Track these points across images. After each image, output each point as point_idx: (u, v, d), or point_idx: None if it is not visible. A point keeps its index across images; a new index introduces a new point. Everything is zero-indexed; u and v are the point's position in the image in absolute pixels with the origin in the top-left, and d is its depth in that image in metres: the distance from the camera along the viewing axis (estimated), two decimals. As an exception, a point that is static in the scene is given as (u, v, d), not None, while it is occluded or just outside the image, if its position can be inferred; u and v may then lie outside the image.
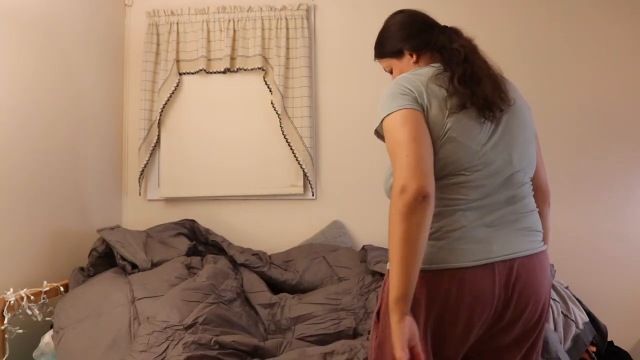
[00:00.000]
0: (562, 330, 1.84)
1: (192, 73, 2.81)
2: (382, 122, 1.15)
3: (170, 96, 2.79)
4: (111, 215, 2.76)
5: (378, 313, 1.18)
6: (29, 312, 1.84)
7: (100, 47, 2.66)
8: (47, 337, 1.87)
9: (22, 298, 1.82)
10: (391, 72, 1.42)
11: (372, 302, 2.06)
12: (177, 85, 2.80)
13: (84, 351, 1.70)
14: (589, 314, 1.96)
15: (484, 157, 1.14)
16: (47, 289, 1.96)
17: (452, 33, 1.29)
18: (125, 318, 1.80)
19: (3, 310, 1.76)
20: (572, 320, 1.87)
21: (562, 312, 1.88)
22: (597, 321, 1.98)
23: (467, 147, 1.13)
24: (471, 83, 1.16)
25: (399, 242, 1.02)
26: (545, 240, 1.27)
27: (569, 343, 1.84)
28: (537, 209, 1.24)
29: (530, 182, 1.25)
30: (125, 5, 2.91)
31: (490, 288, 1.09)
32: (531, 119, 1.27)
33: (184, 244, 2.36)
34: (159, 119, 2.79)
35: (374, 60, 1.47)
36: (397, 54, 1.36)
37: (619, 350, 2.10)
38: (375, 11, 2.79)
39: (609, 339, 2.03)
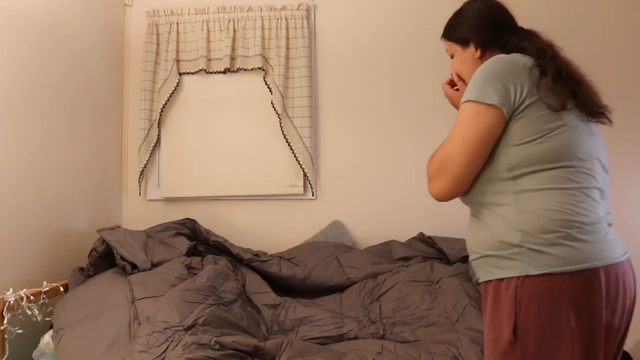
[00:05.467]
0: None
1: (192, 73, 2.80)
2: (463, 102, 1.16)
3: (170, 96, 2.79)
4: (111, 215, 2.76)
5: (514, 331, 1.06)
6: (29, 312, 1.84)
7: (100, 47, 2.66)
8: (47, 337, 1.87)
9: (21, 298, 1.82)
10: (452, 57, 1.38)
11: (375, 312, 2.07)
12: (177, 85, 2.80)
13: (84, 351, 1.70)
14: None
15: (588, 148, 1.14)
16: (47, 289, 1.96)
17: (530, 33, 1.25)
18: (125, 318, 1.79)
19: (3, 311, 1.76)
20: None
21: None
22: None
23: (576, 135, 1.12)
24: (569, 82, 1.14)
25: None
26: None
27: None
28: None
29: None
30: (125, 5, 2.91)
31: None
32: None
33: (184, 244, 2.36)
34: (159, 119, 2.79)
35: (440, 38, 1.40)
36: (463, 43, 1.32)
37: (619, 350, 2.10)
38: (375, 11, 2.79)
39: (609, 340, 2.03)
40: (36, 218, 2.13)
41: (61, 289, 2.03)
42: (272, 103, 2.72)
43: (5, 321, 1.77)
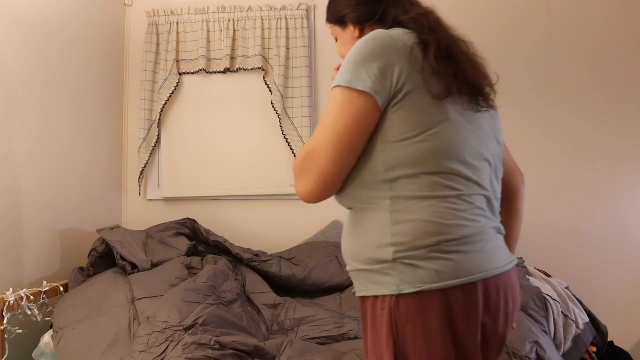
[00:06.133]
0: (562, 330, 1.84)
1: (192, 73, 2.81)
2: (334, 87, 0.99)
3: (170, 96, 2.79)
4: (111, 215, 2.76)
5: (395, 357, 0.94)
6: (29, 312, 1.84)
7: (100, 47, 2.66)
8: (47, 337, 1.87)
9: (22, 298, 1.82)
10: (337, 41, 1.24)
11: None
12: (177, 85, 2.80)
13: (84, 351, 1.70)
14: (589, 314, 1.96)
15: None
16: (47, 289, 1.96)
17: (407, 3, 1.09)
18: (125, 318, 1.80)
19: (3, 311, 1.76)
20: (573, 320, 1.87)
21: (562, 312, 1.88)
22: (598, 321, 1.98)
23: (461, 132, 0.97)
24: (451, 61, 0.97)
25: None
26: (517, 231, 1.17)
27: (569, 343, 1.84)
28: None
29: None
30: (125, 5, 2.91)
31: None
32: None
33: (184, 244, 2.36)
34: (159, 119, 2.79)
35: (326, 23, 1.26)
36: (341, 23, 1.18)
37: (619, 350, 2.10)
38: (376, 11, 2.79)
39: (609, 339, 2.03)
40: (36, 218, 2.13)
41: (61, 289, 2.03)
42: (272, 103, 2.72)
43: (5, 321, 1.77)
